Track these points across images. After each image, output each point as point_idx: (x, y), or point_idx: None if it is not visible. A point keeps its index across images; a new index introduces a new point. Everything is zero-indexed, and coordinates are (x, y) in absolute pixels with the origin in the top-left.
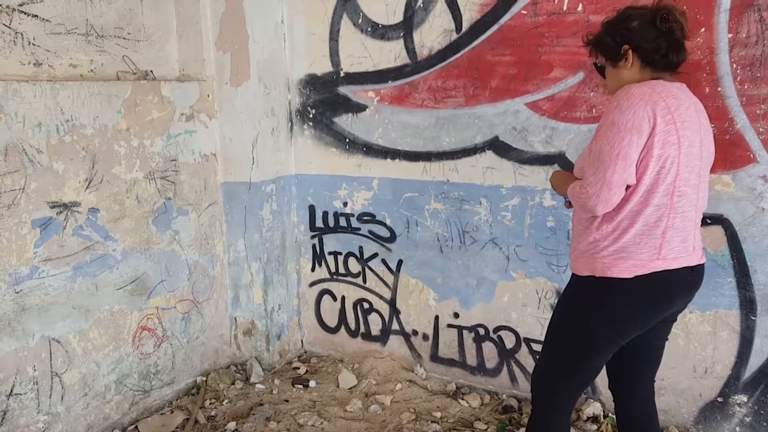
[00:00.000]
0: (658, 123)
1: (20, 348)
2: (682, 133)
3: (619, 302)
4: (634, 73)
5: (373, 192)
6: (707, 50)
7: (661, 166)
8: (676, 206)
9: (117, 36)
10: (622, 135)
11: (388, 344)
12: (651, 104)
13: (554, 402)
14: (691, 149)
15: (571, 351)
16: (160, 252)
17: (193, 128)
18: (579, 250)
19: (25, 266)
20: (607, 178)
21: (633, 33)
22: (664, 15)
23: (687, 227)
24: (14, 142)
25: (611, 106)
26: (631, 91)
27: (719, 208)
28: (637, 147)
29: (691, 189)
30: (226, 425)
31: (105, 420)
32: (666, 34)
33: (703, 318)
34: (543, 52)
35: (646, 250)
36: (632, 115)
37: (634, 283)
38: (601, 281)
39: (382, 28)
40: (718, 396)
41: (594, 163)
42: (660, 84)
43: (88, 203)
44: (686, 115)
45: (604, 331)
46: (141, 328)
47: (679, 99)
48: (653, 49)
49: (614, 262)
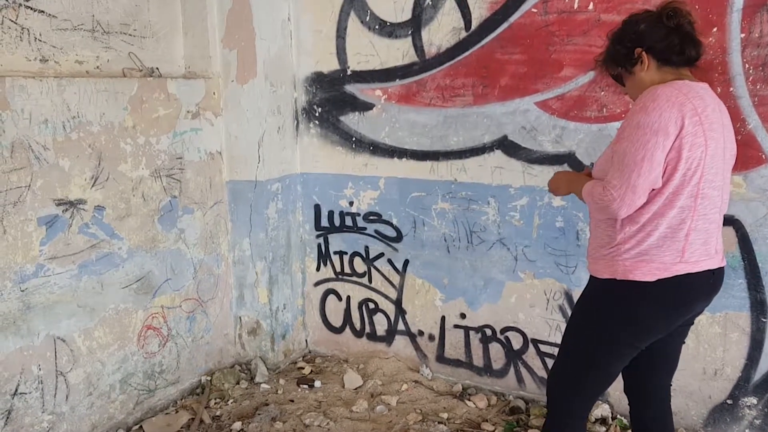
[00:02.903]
0: (686, 125)
1: (25, 347)
2: (708, 135)
3: (640, 306)
4: (653, 74)
5: (380, 191)
6: (719, 50)
7: (687, 168)
8: (699, 208)
9: (123, 32)
10: (648, 137)
11: (393, 344)
12: (678, 106)
13: (571, 408)
14: (716, 151)
15: (590, 356)
16: (166, 250)
17: (199, 126)
18: (599, 252)
19: (30, 264)
20: (632, 182)
21: (642, 35)
22: (670, 12)
23: (710, 230)
24: (20, 139)
25: (636, 108)
26: (657, 92)
27: (730, 209)
28: (663, 149)
29: (715, 191)
30: (232, 425)
31: (109, 419)
32: (676, 30)
33: (713, 320)
34: (553, 50)
35: (669, 253)
36: (658, 116)
37: (657, 286)
38: (622, 284)
39: (390, 26)
40: (727, 398)
41: (618, 165)
42: (686, 85)
43: (94, 201)
44: (712, 116)
45: (624, 335)
46: (146, 327)
47: (704, 100)
48: (666, 47)
49: (636, 265)
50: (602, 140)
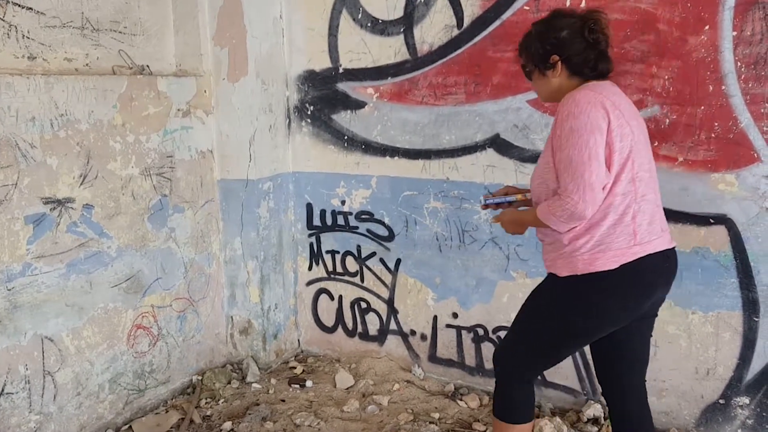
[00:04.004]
0: (612, 120)
1: (12, 346)
2: (632, 124)
3: (606, 295)
4: (563, 81)
5: (372, 190)
6: (711, 48)
7: (621, 158)
8: (638, 191)
9: (113, 30)
10: (586, 138)
11: (385, 344)
12: (600, 104)
13: (521, 378)
14: (639, 137)
15: (546, 344)
16: (156, 249)
17: (190, 124)
18: (555, 252)
19: (17, 263)
20: (588, 181)
21: (563, 44)
22: (592, 25)
23: (652, 210)
24: (7, 137)
25: (562, 117)
26: (576, 97)
27: (723, 208)
28: (602, 145)
29: (646, 173)
30: (222, 425)
31: (98, 419)
32: (593, 46)
33: (705, 319)
34: None
35: (622, 238)
36: (587, 117)
37: (618, 272)
38: (585, 278)
39: (382, 24)
40: (719, 398)
41: (567, 172)
42: (598, 85)
43: (83, 199)
44: (627, 107)
45: (587, 326)
46: (136, 326)
47: (616, 94)
48: (582, 61)
49: (595, 257)
50: None
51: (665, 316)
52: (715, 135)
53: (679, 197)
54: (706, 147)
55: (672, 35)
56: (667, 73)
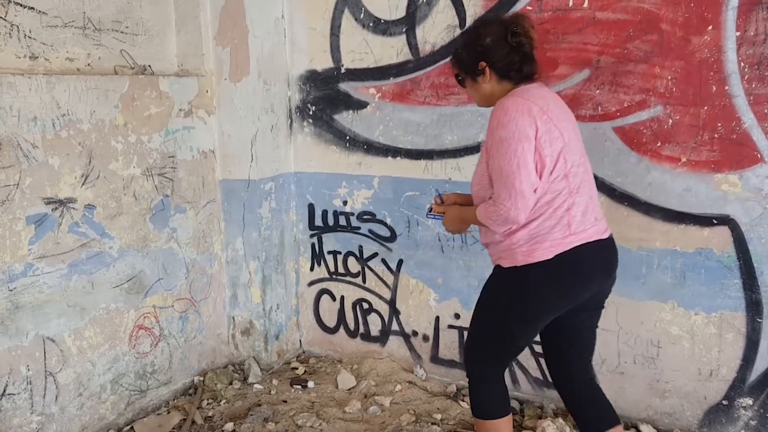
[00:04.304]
0: (539, 126)
1: (13, 347)
2: (560, 126)
3: (544, 283)
4: (494, 86)
5: (374, 190)
6: (714, 48)
7: (552, 160)
8: (571, 186)
9: (115, 30)
10: (514, 146)
11: (387, 345)
12: (527, 111)
13: (485, 374)
14: (570, 135)
15: (500, 333)
16: (158, 250)
17: (192, 124)
18: (498, 247)
19: (19, 263)
20: (518, 189)
21: (487, 50)
22: (514, 29)
23: (584, 201)
24: (9, 137)
25: (492, 125)
26: (505, 105)
27: (726, 209)
28: (530, 152)
29: (579, 168)
30: (224, 426)
31: (100, 420)
32: (516, 50)
33: (708, 320)
34: (548, 48)
35: (558, 229)
36: (515, 126)
37: (555, 261)
38: (525, 268)
39: (384, 24)
40: (723, 399)
41: (499, 180)
42: (525, 90)
43: (85, 199)
44: (555, 109)
45: (533, 312)
46: (138, 327)
47: (545, 98)
48: (507, 64)
49: (533, 248)
50: (597, 139)
51: (668, 317)
52: (719, 135)
53: (682, 198)
54: (710, 147)
55: (675, 35)
56: (670, 74)
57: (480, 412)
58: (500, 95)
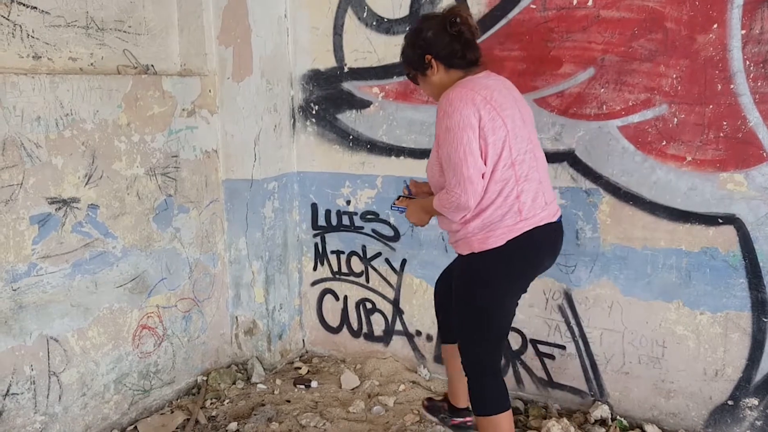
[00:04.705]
0: (483, 116)
1: (17, 347)
2: (504, 114)
3: (500, 267)
4: (443, 76)
5: (377, 190)
6: (720, 47)
7: (496, 149)
8: (518, 173)
9: (117, 29)
10: (460, 135)
11: (391, 345)
12: (471, 101)
13: (483, 367)
14: (515, 123)
15: (477, 319)
16: (161, 250)
17: (195, 124)
18: (455, 237)
19: (22, 263)
20: (467, 175)
21: (430, 43)
22: (453, 19)
23: (533, 187)
24: (12, 137)
25: (439, 115)
26: (449, 96)
27: (731, 208)
28: (475, 140)
29: (526, 154)
30: (228, 425)
31: (104, 420)
32: (457, 38)
33: (713, 319)
34: (552, 47)
35: (509, 216)
36: (460, 116)
37: (508, 247)
38: (481, 255)
39: (387, 23)
40: (728, 399)
41: (449, 169)
42: (471, 81)
43: (88, 199)
44: (500, 98)
45: (501, 292)
46: (141, 326)
47: (489, 87)
48: (450, 53)
49: (487, 236)
50: (602, 138)
51: (673, 316)
52: (724, 134)
53: (687, 197)
54: (715, 146)
55: (680, 34)
56: (675, 72)
57: (481, 409)
58: (450, 85)
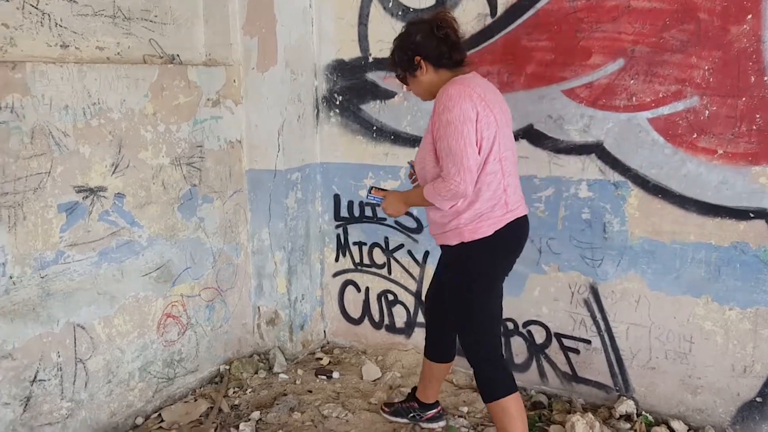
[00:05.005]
0: (479, 111)
1: (44, 334)
2: (495, 112)
3: (488, 254)
4: (432, 77)
5: (401, 181)
6: (754, 38)
7: (489, 143)
8: (505, 169)
9: (144, 19)
10: (460, 128)
11: (413, 337)
12: (468, 97)
13: (485, 354)
14: (502, 122)
15: (471, 305)
16: (185, 239)
17: (219, 114)
18: (445, 228)
19: (50, 251)
20: (466, 165)
21: (419, 45)
22: (439, 23)
23: (514, 182)
24: (41, 125)
25: (439, 109)
26: (449, 91)
27: (763, 202)
28: (473, 133)
29: (509, 152)
30: (250, 414)
31: (128, 407)
32: (444, 40)
33: (743, 315)
34: (581, 37)
35: (498, 208)
36: (459, 110)
37: (495, 236)
38: (471, 244)
39: (413, 12)
40: (757, 396)
41: (448, 158)
42: (465, 78)
43: (115, 188)
44: (491, 96)
45: (489, 278)
46: (165, 315)
47: (481, 86)
48: (438, 54)
49: (477, 226)
50: (631, 129)
51: (701, 311)
52: (757, 127)
53: (718, 190)
54: (747, 139)
55: (713, 24)
56: (707, 64)
57: (489, 394)
58: (440, 84)
